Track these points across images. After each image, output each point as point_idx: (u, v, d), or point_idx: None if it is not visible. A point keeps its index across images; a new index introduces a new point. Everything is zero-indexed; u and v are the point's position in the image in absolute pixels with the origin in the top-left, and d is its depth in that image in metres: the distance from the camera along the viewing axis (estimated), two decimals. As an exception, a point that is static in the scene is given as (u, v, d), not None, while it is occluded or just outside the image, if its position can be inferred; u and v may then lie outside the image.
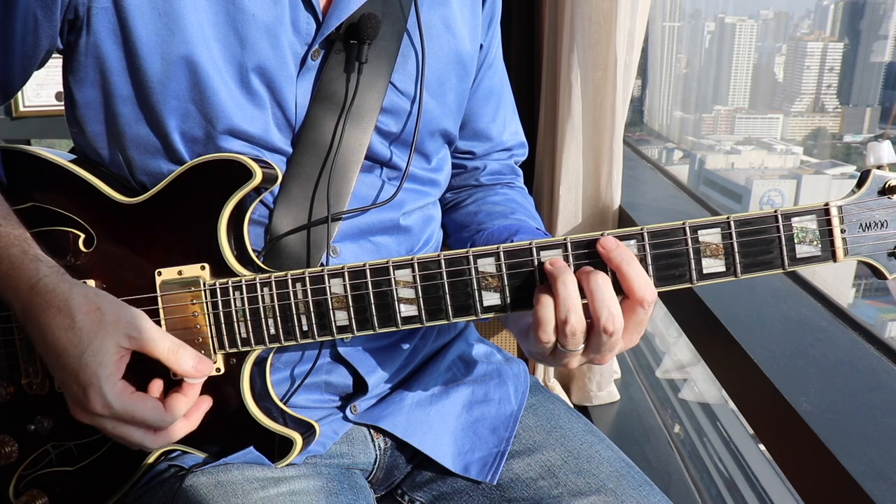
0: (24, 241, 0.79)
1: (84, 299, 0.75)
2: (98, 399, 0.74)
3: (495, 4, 1.07)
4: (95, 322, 0.74)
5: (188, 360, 0.79)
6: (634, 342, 0.77)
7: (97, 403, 0.74)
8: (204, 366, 0.80)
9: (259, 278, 0.81)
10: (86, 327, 0.74)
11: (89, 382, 0.74)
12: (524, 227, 1.00)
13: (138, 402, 0.76)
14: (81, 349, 0.74)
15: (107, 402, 0.74)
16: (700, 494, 1.61)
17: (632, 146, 2.21)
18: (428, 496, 0.99)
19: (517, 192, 1.15)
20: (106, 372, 0.74)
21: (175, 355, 0.78)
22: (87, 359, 0.74)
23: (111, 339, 0.75)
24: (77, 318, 0.74)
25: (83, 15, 0.80)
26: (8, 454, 0.87)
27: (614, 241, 0.73)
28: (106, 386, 0.74)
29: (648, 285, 0.72)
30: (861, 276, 27.57)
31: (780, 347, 1.00)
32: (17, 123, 2.61)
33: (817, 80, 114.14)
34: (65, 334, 0.74)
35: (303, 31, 0.86)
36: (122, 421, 0.77)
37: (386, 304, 0.79)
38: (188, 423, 0.82)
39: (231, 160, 0.82)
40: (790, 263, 0.72)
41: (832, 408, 0.85)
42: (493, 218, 1.05)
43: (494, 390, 1.03)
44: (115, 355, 0.75)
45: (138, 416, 0.76)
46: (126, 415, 0.76)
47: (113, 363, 0.75)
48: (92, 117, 0.86)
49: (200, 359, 0.80)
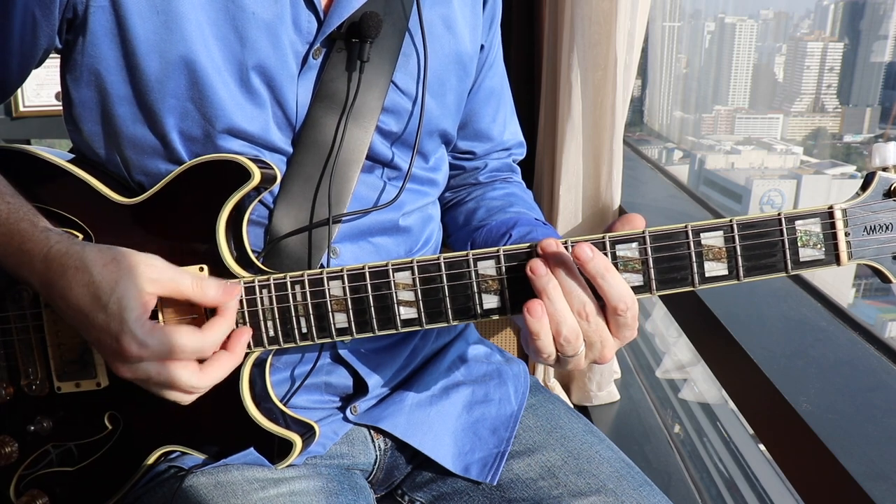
0: (34, 215, 0.79)
1: (98, 253, 0.75)
2: (132, 342, 0.73)
3: (496, 5, 1.07)
4: (114, 272, 0.74)
5: (214, 289, 0.77)
6: (630, 338, 0.76)
7: (133, 347, 0.73)
8: (231, 288, 0.78)
9: (258, 280, 0.81)
10: (106, 278, 0.73)
11: (119, 329, 0.73)
12: (522, 219, 1.00)
13: (173, 332, 0.75)
14: (105, 300, 0.73)
15: (141, 341, 0.73)
16: (700, 494, 1.61)
17: (632, 146, 2.21)
18: (428, 496, 0.99)
19: (515, 186, 1.15)
20: (133, 315, 0.73)
21: (200, 288, 0.77)
22: (112, 307, 0.73)
23: (133, 283, 0.74)
24: (94, 271, 0.73)
25: (81, 14, 0.80)
26: (8, 454, 0.87)
27: (589, 251, 0.71)
28: (136, 326, 0.73)
29: (622, 297, 0.71)
30: (861, 276, 27.58)
31: (780, 347, 1.00)
32: (17, 123, 2.61)
33: (817, 80, 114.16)
34: (86, 290, 0.73)
35: (304, 30, 0.86)
36: (163, 359, 0.75)
37: (385, 307, 0.79)
38: (232, 355, 0.79)
39: (229, 161, 0.82)
40: (793, 267, 0.72)
41: (832, 408, 0.85)
42: (492, 213, 1.05)
43: (494, 391, 1.03)
44: (139, 299, 0.74)
45: (178, 345, 0.74)
46: (164, 348, 0.74)
47: (139, 306, 0.73)
48: (89, 117, 0.86)
49: (225, 284, 0.79)
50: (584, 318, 0.72)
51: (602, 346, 0.74)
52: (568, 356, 0.74)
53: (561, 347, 0.73)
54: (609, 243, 0.73)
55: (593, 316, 0.72)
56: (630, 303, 0.72)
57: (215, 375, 0.78)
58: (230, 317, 0.79)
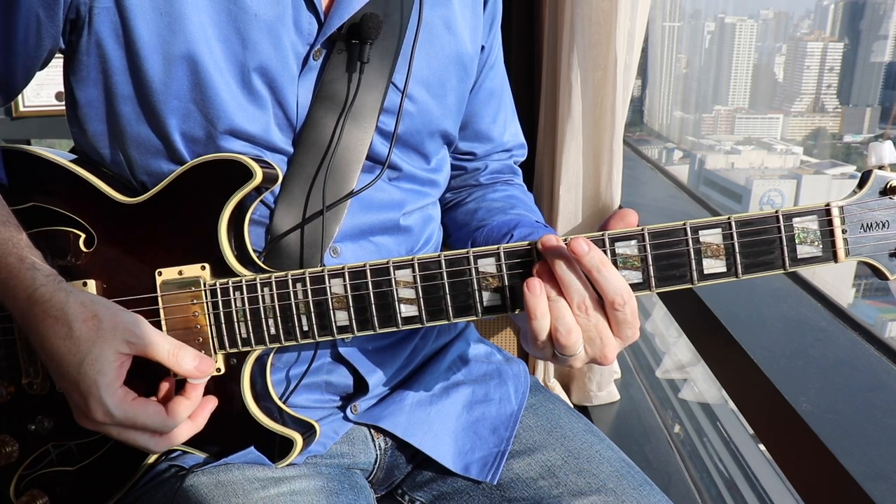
0: (22, 248, 0.79)
1: (81, 307, 0.75)
2: (99, 408, 0.74)
3: (496, 6, 1.07)
4: (93, 330, 0.74)
5: (189, 361, 0.79)
6: (632, 338, 0.75)
7: (98, 412, 0.74)
8: (206, 365, 0.80)
9: (259, 278, 0.81)
10: (84, 336, 0.74)
11: (89, 391, 0.74)
12: (523, 221, 1.00)
13: (140, 408, 0.76)
14: (80, 358, 0.73)
15: (108, 410, 0.74)
16: (700, 494, 1.61)
17: (632, 146, 2.21)
18: (428, 496, 0.99)
19: (516, 189, 1.15)
20: (106, 380, 0.74)
21: (176, 357, 0.78)
22: (87, 368, 0.73)
23: (110, 346, 0.74)
24: (74, 326, 0.74)
25: (85, 14, 0.80)
26: (8, 454, 0.87)
27: (585, 245, 0.71)
28: (106, 394, 0.74)
29: (619, 290, 0.71)
30: (861, 276, 27.61)
31: (780, 347, 1.00)
32: (18, 123, 2.61)
33: (817, 80, 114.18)
34: (63, 343, 0.74)
35: (305, 31, 0.86)
36: (125, 427, 0.76)
37: (386, 305, 0.79)
38: (193, 424, 0.81)
39: (231, 160, 0.82)
40: (791, 264, 0.72)
41: (832, 408, 0.85)
42: (492, 214, 1.05)
43: (495, 390, 1.03)
44: (114, 362, 0.75)
45: (140, 422, 0.76)
46: (128, 422, 0.76)
47: (113, 370, 0.74)
48: (93, 117, 0.86)
49: (202, 358, 0.80)
50: (584, 311, 0.72)
51: (602, 345, 0.74)
52: (566, 355, 0.74)
53: (559, 346, 0.73)
54: (608, 241, 0.74)
55: (591, 310, 0.72)
56: (627, 297, 0.72)
57: (172, 443, 0.80)
58: (195, 397, 0.81)
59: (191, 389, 0.80)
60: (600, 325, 0.73)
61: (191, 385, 0.80)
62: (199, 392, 0.81)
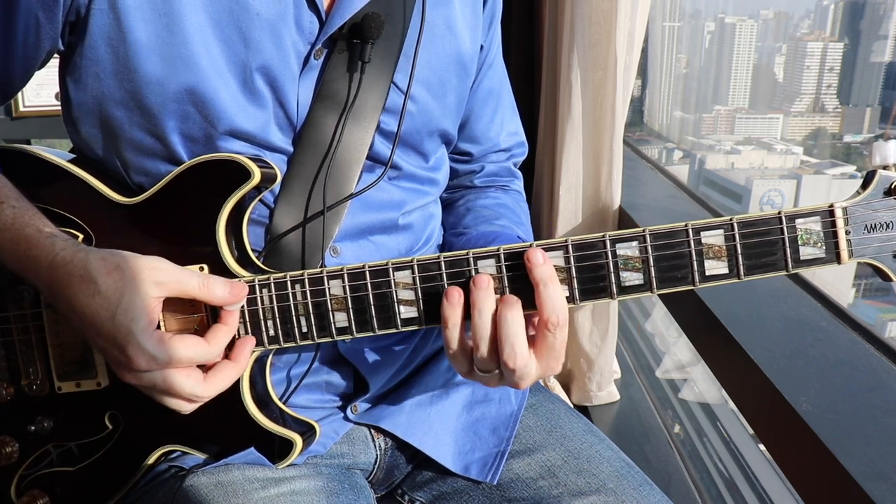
0: (39, 220, 0.79)
1: (102, 262, 0.74)
2: (140, 355, 0.73)
3: (496, 5, 1.07)
4: (119, 280, 0.73)
5: (221, 288, 0.77)
6: (554, 369, 0.76)
7: (141, 359, 0.73)
8: (238, 289, 0.79)
9: (258, 279, 0.81)
10: (111, 288, 0.73)
11: (126, 341, 0.73)
12: (503, 235, 1.00)
13: (179, 343, 0.75)
14: (111, 311, 0.73)
15: (149, 354, 0.73)
16: (700, 494, 1.61)
17: (632, 146, 2.20)
18: (428, 496, 0.99)
19: (509, 197, 1.14)
20: (140, 326, 0.73)
21: (207, 287, 0.77)
22: (119, 318, 0.73)
23: (138, 292, 0.74)
24: (100, 281, 0.73)
25: (83, 16, 0.80)
26: (9, 455, 0.87)
27: (541, 256, 0.73)
28: (143, 338, 0.73)
29: (556, 310, 0.72)
30: (861, 276, 27.61)
31: (780, 347, 1.00)
32: (17, 123, 2.61)
33: (817, 80, 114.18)
34: (93, 300, 0.73)
35: (306, 30, 0.86)
36: (170, 368, 0.75)
37: (385, 306, 0.79)
38: (236, 364, 0.80)
39: (229, 160, 0.82)
40: (794, 265, 0.72)
41: (832, 408, 0.85)
42: (478, 223, 1.05)
43: (494, 390, 1.03)
44: (146, 308, 0.74)
45: (184, 356, 0.75)
46: (172, 360, 0.74)
47: (146, 316, 0.74)
48: (88, 119, 0.86)
49: (232, 284, 0.79)
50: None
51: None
52: (482, 371, 0.75)
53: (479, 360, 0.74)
54: (609, 242, 0.74)
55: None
56: (562, 320, 0.73)
57: (219, 385, 0.79)
58: (233, 323, 0.80)
59: (227, 316, 0.79)
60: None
61: (226, 312, 0.79)
62: (236, 318, 0.80)
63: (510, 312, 0.73)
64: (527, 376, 0.75)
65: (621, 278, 0.74)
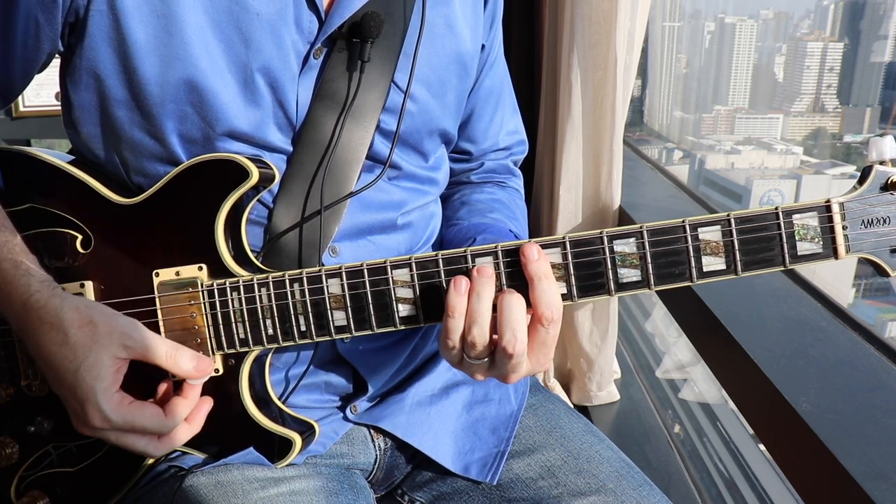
0: (17, 254, 0.79)
1: (76, 313, 0.75)
2: (96, 413, 0.74)
3: (497, 4, 1.06)
4: (89, 336, 0.74)
5: (187, 362, 0.79)
6: (543, 365, 0.76)
7: (96, 418, 0.74)
8: (204, 365, 0.80)
9: (256, 279, 0.81)
10: (80, 342, 0.73)
11: (86, 397, 0.73)
12: (493, 227, 1.00)
13: (137, 411, 0.76)
14: (77, 364, 0.73)
15: (105, 415, 0.74)
16: (700, 494, 1.61)
17: (632, 146, 2.20)
18: (428, 496, 0.99)
19: (505, 193, 1.14)
20: (102, 385, 0.73)
21: (173, 359, 0.78)
22: (83, 374, 0.73)
23: (106, 351, 0.74)
24: (70, 332, 0.74)
25: (82, 17, 0.80)
26: (9, 455, 0.87)
27: (536, 252, 0.73)
28: (103, 400, 0.74)
29: (551, 305, 0.73)
30: (861, 275, 27.54)
31: (780, 347, 1.00)
32: (17, 123, 2.61)
33: (817, 80, 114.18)
34: (59, 350, 0.73)
35: (305, 30, 0.86)
36: (123, 431, 0.76)
37: (384, 304, 0.79)
38: (191, 426, 0.81)
39: (228, 160, 0.82)
40: (791, 261, 0.72)
41: (832, 408, 0.85)
42: (471, 215, 1.05)
43: (494, 390, 1.03)
44: (111, 367, 0.74)
45: (138, 425, 0.76)
46: (126, 425, 0.75)
47: (109, 375, 0.74)
48: (88, 120, 0.86)
49: (200, 359, 0.80)
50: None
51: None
52: (473, 359, 0.75)
53: (467, 348, 0.74)
54: (606, 239, 0.74)
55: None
56: (556, 315, 0.73)
57: (171, 445, 0.80)
58: (193, 397, 0.80)
59: (188, 389, 0.80)
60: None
61: (188, 385, 0.80)
62: (197, 392, 0.81)
63: (513, 297, 0.73)
64: (519, 368, 0.75)
65: (619, 275, 0.74)
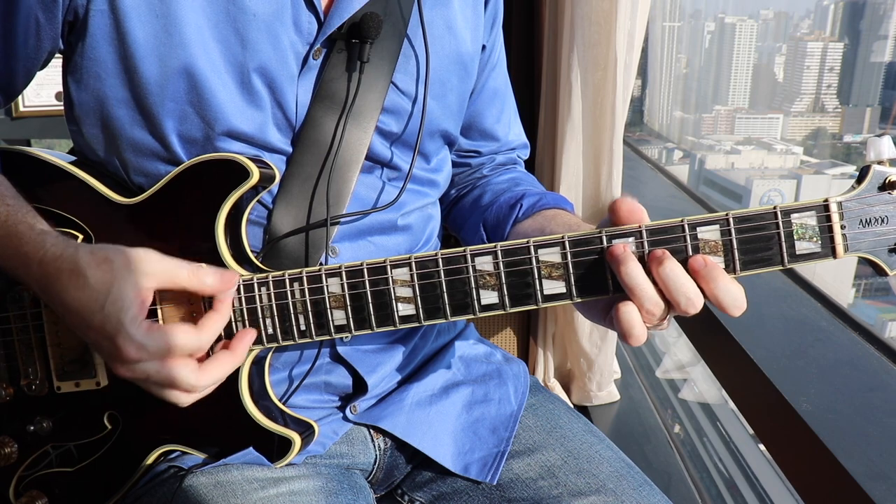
0: (32, 217, 0.79)
1: (91, 256, 0.74)
2: (130, 344, 0.72)
3: (497, 5, 1.07)
4: (107, 272, 0.73)
5: (211, 277, 0.77)
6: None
7: (131, 349, 0.72)
8: (228, 277, 0.78)
9: (256, 278, 0.81)
10: (99, 279, 0.73)
11: (116, 331, 0.72)
12: (529, 192, 1.00)
13: (170, 331, 0.74)
14: (101, 302, 0.72)
15: (138, 343, 0.72)
16: (700, 494, 1.61)
17: (632, 146, 2.21)
18: (428, 496, 0.99)
19: (518, 172, 1.15)
20: (129, 315, 0.72)
21: (197, 277, 0.76)
22: (109, 309, 0.72)
23: (127, 282, 0.73)
24: (89, 273, 0.73)
25: (82, 17, 0.80)
26: (8, 455, 0.87)
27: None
28: (132, 328, 0.72)
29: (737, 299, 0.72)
30: (861, 276, 27.52)
31: (780, 347, 1.00)
32: (18, 123, 2.61)
33: (817, 80, 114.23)
34: (82, 293, 0.73)
35: (304, 31, 0.86)
36: (162, 359, 0.74)
37: (384, 304, 0.79)
38: (233, 354, 0.79)
39: (228, 160, 0.82)
40: (790, 260, 0.72)
41: (832, 408, 0.85)
42: (498, 195, 1.04)
43: (494, 390, 1.03)
44: (135, 298, 0.73)
45: (176, 344, 0.74)
46: (163, 348, 0.74)
47: (135, 306, 0.73)
48: (89, 119, 0.86)
49: (222, 273, 0.78)
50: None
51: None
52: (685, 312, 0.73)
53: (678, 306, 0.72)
54: (605, 238, 0.74)
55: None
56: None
57: (216, 375, 0.78)
58: (225, 311, 0.79)
59: (219, 304, 0.78)
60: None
61: (218, 300, 0.78)
62: (228, 306, 0.79)
63: (668, 263, 0.71)
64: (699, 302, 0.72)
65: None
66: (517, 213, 0.97)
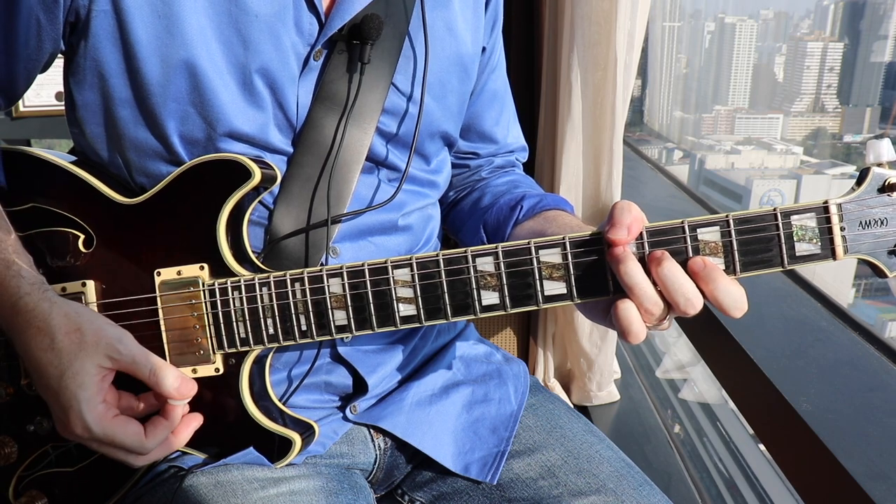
0: (10, 254, 0.78)
1: (64, 319, 0.74)
2: (78, 422, 0.73)
3: (498, 7, 1.07)
4: (75, 343, 0.73)
5: (171, 382, 0.77)
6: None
7: (77, 426, 0.74)
8: (186, 388, 0.78)
9: (258, 278, 0.81)
10: (66, 348, 0.73)
11: (69, 405, 0.73)
12: (529, 193, 1.00)
13: (118, 427, 0.75)
14: (61, 370, 0.73)
15: (87, 425, 0.73)
16: (700, 494, 1.61)
17: (632, 146, 2.21)
18: (428, 496, 0.99)
19: (517, 175, 1.15)
20: (86, 394, 0.73)
21: (156, 377, 0.76)
22: (67, 381, 0.73)
23: (91, 359, 0.74)
24: (57, 338, 0.73)
25: (84, 17, 0.80)
26: (7, 455, 0.87)
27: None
28: (86, 409, 0.73)
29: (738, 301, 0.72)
30: (861, 276, 27.57)
31: (780, 347, 1.00)
32: (18, 123, 2.61)
33: (817, 80, 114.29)
34: (45, 355, 0.73)
35: (305, 32, 0.86)
36: (103, 443, 0.76)
37: (384, 304, 0.79)
38: (175, 440, 0.81)
39: (230, 160, 0.82)
40: (790, 262, 0.72)
41: (832, 408, 0.85)
42: (497, 197, 1.05)
43: (494, 390, 1.03)
44: (95, 376, 0.74)
45: (118, 440, 0.75)
46: (106, 439, 0.75)
47: (94, 385, 0.74)
48: (91, 119, 0.86)
49: (183, 380, 0.78)
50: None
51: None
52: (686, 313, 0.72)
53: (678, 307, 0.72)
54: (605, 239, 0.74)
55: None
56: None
57: (152, 459, 0.80)
58: (174, 418, 0.79)
59: (170, 410, 0.79)
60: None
61: (170, 406, 0.79)
62: (178, 413, 0.80)
63: (667, 264, 0.71)
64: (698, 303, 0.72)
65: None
66: (518, 215, 0.97)
